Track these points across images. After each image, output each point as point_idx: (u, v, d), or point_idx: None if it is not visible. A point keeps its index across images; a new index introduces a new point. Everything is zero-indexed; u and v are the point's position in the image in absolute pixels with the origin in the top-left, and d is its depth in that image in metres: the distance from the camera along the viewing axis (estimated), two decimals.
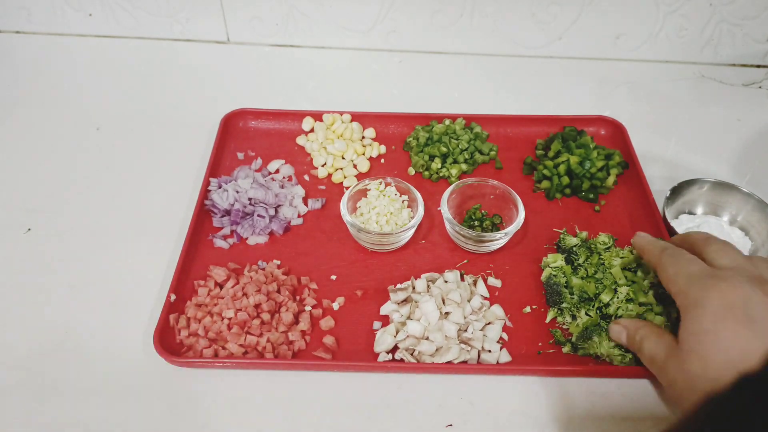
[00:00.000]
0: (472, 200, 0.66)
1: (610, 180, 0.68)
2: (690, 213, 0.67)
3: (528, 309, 0.58)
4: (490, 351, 0.53)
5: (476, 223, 0.64)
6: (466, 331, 0.54)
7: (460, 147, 0.71)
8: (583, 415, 0.51)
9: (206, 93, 0.83)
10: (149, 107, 0.81)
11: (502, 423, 0.50)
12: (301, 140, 0.74)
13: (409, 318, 0.55)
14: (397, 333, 0.54)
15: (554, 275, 0.57)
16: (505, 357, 0.53)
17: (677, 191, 0.65)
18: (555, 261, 0.59)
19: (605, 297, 0.54)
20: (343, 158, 0.72)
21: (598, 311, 0.54)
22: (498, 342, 0.54)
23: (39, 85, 0.84)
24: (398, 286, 0.57)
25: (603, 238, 0.60)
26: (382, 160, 0.73)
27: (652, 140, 0.77)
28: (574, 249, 0.59)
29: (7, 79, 0.85)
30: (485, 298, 0.58)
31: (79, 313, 0.57)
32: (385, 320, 0.56)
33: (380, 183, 0.65)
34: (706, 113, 0.83)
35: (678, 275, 0.44)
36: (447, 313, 0.55)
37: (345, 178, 0.70)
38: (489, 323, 0.55)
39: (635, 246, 0.54)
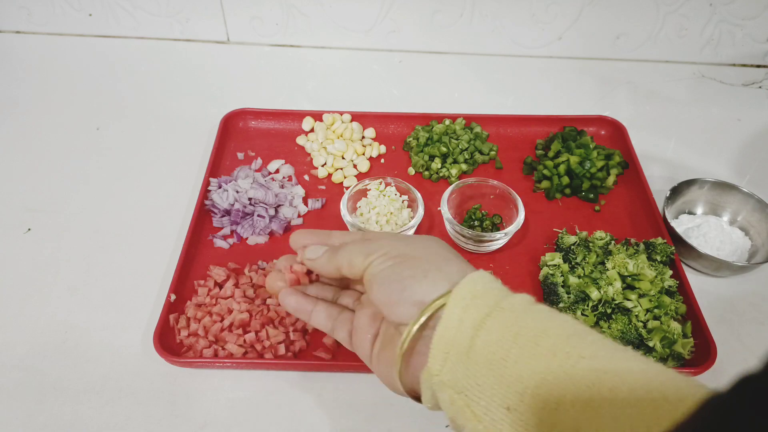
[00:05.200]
0: (472, 200, 0.65)
1: (610, 180, 0.68)
2: (690, 213, 0.67)
3: None
4: None
5: (476, 223, 0.64)
6: None
7: (460, 147, 0.71)
8: None
9: (206, 93, 0.83)
10: (149, 107, 0.81)
11: None
12: (301, 140, 0.74)
13: None
14: None
15: (551, 274, 0.57)
16: None
17: (677, 191, 0.65)
18: (552, 259, 0.59)
19: (593, 294, 0.54)
20: (343, 158, 0.72)
21: (593, 310, 0.54)
22: None
23: (39, 85, 0.84)
24: None
25: (600, 233, 0.60)
26: (382, 160, 0.73)
27: (652, 140, 0.77)
28: (572, 248, 0.59)
29: (7, 79, 0.85)
30: None
31: (79, 313, 0.57)
32: None
33: (380, 183, 0.64)
34: (706, 113, 0.83)
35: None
36: None
37: (345, 178, 0.70)
38: None
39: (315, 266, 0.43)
